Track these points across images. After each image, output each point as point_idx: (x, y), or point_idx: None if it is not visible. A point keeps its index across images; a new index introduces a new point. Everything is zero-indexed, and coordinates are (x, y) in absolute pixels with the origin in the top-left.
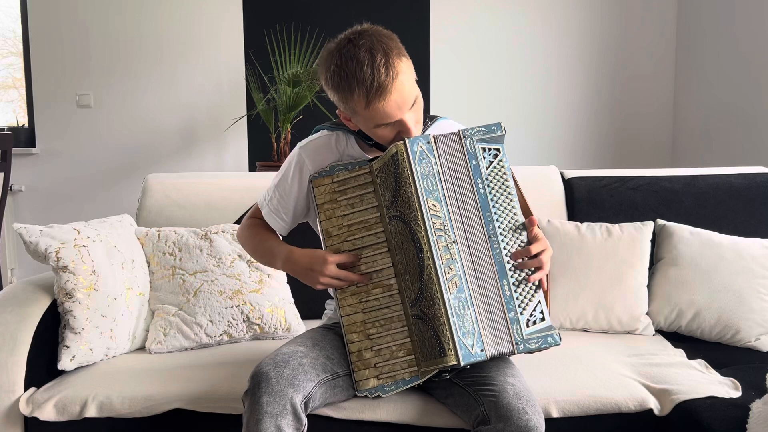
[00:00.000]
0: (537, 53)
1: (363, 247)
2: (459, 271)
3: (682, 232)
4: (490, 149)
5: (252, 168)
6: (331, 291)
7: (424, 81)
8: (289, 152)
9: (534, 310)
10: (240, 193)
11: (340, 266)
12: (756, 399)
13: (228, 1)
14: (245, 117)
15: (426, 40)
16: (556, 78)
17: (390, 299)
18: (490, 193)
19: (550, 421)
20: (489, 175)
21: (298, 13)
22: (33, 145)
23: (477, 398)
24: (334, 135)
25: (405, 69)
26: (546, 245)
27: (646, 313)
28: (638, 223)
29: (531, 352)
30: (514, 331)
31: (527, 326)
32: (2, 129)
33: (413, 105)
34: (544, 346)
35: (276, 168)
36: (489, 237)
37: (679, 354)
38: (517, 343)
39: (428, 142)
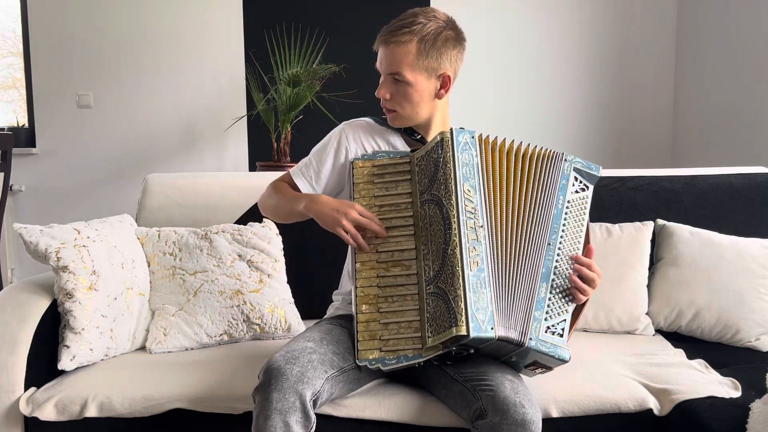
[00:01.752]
0: (537, 54)
1: (390, 228)
2: (482, 253)
3: (682, 232)
4: (581, 181)
5: (252, 168)
6: (348, 269)
7: None
8: (290, 152)
9: (558, 324)
10: (240, 193)
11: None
12: (756, 399)
13: (228, 1)
14: (245, 117)
15: None
16: (556, 78)
17: (407, 279)
18: (565, 213)
19: (550, 421)
20: (571, 200)
21: (298, 13)
22: (33, 145)
23: (475, 393)
24: (380, 125)
25: (409, 53)
26: (599, 280)
27: (646, 313)
28: (638, 223)
29: (538, 356)
30: (532, 327)
31: (545, 331)
32: (2, 129)
33: (395, 80)
34: (553, 354)
35: (276, 168)
36: (549, 243)
37: (679, 354)
38: (530, 338)
39: (473, 137)
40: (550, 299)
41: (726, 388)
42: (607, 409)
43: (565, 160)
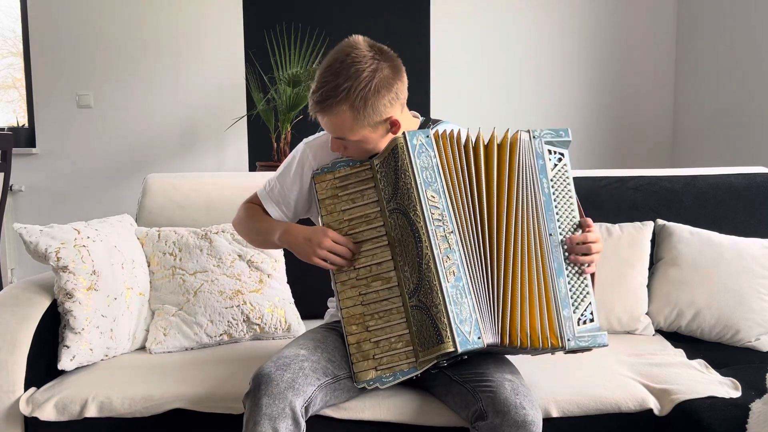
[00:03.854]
0: (537, 53)
1: (363, 241)
2: (457, 261)
3: (682, 232)
4: (555, 152)
5: (252, 168)
6: (332, 286)
7: (423, 81)
8: (290, 152)
9: (585, 310)
10: (240, 193)
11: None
12: (756, 399)
13: (228, 1)
14: (245, 117)
15: (426, 39)
16: (556, 78)
17: (389, 292)
18: (553, 193)
19: (550, 421)
20: (554, 176)
21: (298, 13)
22: (33, 145)
23: (475, 394)
24: None
25: (345, 120)
26: (600, 242)
27: (646, 313)
28: (638, 223)
29: (578, 351)
30: (567, 328)
31: (578, 324)
32: (2, 129)
33: (347, 140)
34: (592, 345)
35: (276, 168)
36: (550, 235)
37: (679, 354)
38: (568, 340)
39: (427, 137)
40: (571, 291)
41: (726, 388)
42: (607, 409)
43: (534, 137)
